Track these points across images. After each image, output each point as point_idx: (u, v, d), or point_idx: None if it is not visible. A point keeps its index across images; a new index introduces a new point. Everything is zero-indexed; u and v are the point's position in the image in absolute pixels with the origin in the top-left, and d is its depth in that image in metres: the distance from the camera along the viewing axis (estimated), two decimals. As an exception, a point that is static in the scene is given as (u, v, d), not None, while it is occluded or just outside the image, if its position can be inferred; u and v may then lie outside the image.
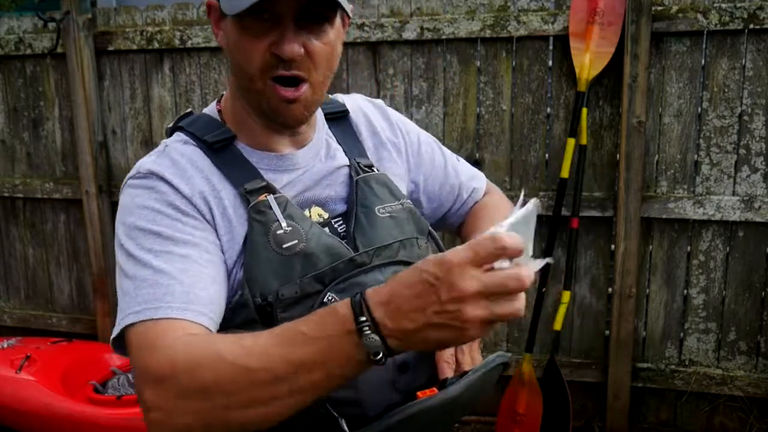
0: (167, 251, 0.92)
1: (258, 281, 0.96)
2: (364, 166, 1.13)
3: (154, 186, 0.98)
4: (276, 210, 0.99)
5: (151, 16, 2.93)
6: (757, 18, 2.32)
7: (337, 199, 1.10)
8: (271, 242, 0.97)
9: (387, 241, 1.06)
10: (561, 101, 2.56)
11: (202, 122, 1.08)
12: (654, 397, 2.69)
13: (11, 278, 3.39)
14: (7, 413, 2.49)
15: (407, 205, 1.14)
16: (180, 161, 1.01)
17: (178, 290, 0.89)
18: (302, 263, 0.97)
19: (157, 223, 0.95)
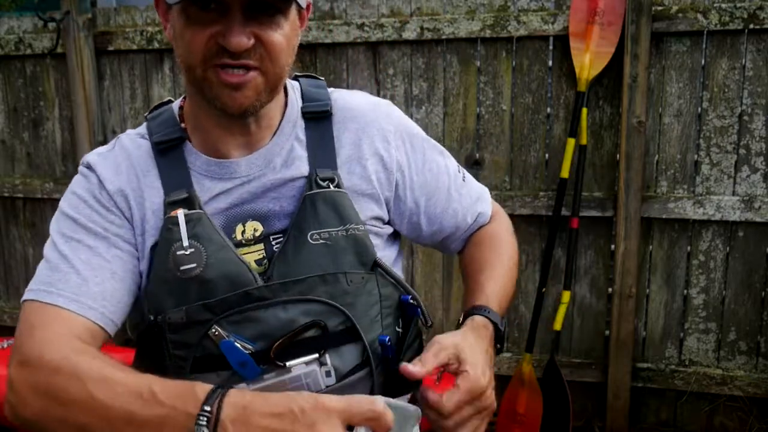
0: (77, 239, 0.96)
1: (155, 297, 0.97)
2: (322, 179, 1.02)
3: (87, 176, 1.02)
4: (182, 228, 0.96)
5: (151, 16, 2.93)
6: (757, 18, 2.32)
7: (282, 215, 1.01)
8: (170, 261, 0.95)
9: (306, 274, 0.96)
10: (561, 101, 2.56)
11: (162, 118, 1.07)
12: (654, 397, 2.69)
13: (11, 278, 3.39)
14: (7, 413, 2.49)
15: (353, 232, 1.01)
16: (118, 156, 1.03)
17: (73, 280, 0.93)
18: (197, 289, 0.94)
19: (77, 210, 0.99)
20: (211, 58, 0.92)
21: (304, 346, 0.95)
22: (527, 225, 2.67)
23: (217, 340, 0.93)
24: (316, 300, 0.97)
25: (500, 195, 2.63)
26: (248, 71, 0.92)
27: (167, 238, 0.96)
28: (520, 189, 2.65)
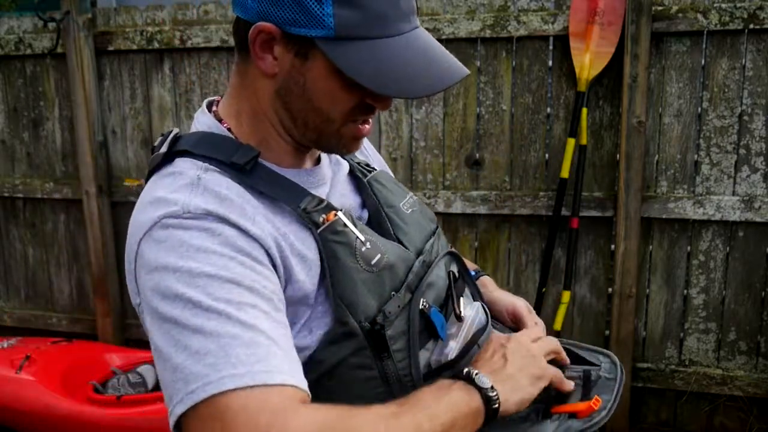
0: (252, 304, 0.78)
1: (360, 306, 0.88)
2: (363, 165, 1.10)
3: (216, 228, 0.81)
4: (351, 227, 0.92)
5: (151, 16, 2.93)
6: (757, 18, 2.32)
7: (356, 207, 1.05)
8: (360, 262, 0.90)
9: (425, 235, 1.06)
10: (561, 101, 2.56)
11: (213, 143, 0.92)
12: (654, 397, 2.69)
13: (11, 278, 3.39)
14: (7, 413, 2.49)
15: (415, 197, 1.13)
16: (232, 198, 0.85)
17: (278, 353, 0.76)
18: (388, 276, 0.93)
19: (229, 269, 0.79)
20: (355, 114, 0.90)
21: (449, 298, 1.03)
22: (527, 225, 2.67)
23: (428, 312, 0.95)
24: (448, 252, 1.07)
25: (500, 195, 2.63)
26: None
27: (344, 242, 0.90)
28: (520, 189, 2.65)
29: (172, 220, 0.81)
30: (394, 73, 0.85)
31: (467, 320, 1.00)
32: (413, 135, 2.69)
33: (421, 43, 0.88)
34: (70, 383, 2.50)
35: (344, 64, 0.83)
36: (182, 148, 0.91)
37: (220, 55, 2.88)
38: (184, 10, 2.88)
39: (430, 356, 0.96)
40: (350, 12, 0.82)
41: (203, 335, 0.75)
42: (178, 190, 0.85)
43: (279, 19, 0.84)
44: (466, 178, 2.70)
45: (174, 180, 0.87)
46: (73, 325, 3.28)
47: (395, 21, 0.85)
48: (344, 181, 1.05)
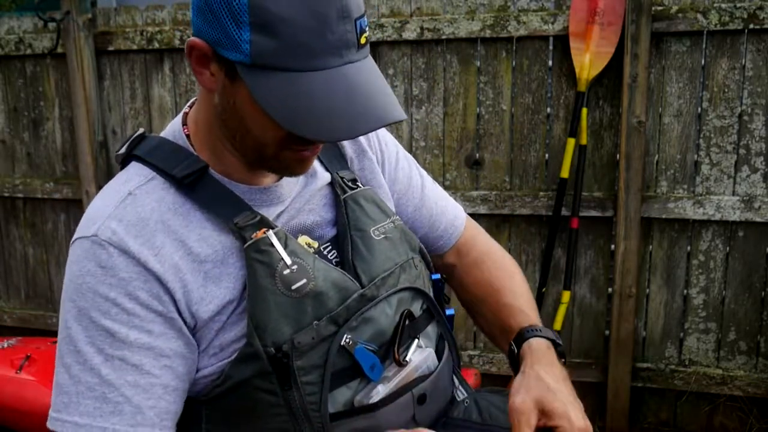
0: (120, 357, 0.83)
1: (268, 329, 0.86)
2: (348, 181, 1.03)
3: (113, 265, 0.84)
4: (278, 247, 0.89)
5: (151, 16, 2.93)
6: (757, 18, 2.32)
7: (324, 224, 1.00)
8: (278, 285, 0.87)
9: (388, 268, 0.98)
10: (561, 101, 2.56)
11: (165, 151, 0.93)
12: (654, 397, 2.69)
13: (11, 278, 3.39)
14: (7, 413, 2.49)
15: (398, 223, 1.05)
16: (149, 220, 0.87)
17: (126, 410, 0.83)
18: (312, 304, 0.89)
19: (111, 317, 0.84)
20: (289, 144, 0.86)
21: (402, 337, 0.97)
22: (527, 225, 2.67)
23: (351, 349, 0.91)
24: (406, 288, 0.99)
25: (500, 195, 2.63)
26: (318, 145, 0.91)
27: (265, 262, 0.88)
28: (520, 189, 2.65)
29: (84, 242, 0.87)
30: (305, 111, 0.79)
31: (410, 366, 0.96)
32: (413, 135, 2.69)
33: (349, 80, 0.81)
34: (70, 383, 2.50)
35: (257, 93, 0.80)
36: (137, 153, 0.94)
37: (220, 55, 2.88)
38: (184, 10, 2.88)
39: (354, 395, 0.92)
40: (267, 40, 0.78)
41: (69, 375, 0.85)
42: (105, 207, 0.89)
43: (209, 37, 0.82)
44: (466, 178, 2.70)
45: (112, 191, 0.92)
46: (73, 325, 3.28)
47: (318, 55, 0.79)
48: (318, 194, 1.01)
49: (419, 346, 0.99)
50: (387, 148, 1.14)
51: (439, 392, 1.02)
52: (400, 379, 0.94)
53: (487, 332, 1.16)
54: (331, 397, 0.90)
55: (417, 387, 0.96)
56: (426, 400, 0.98)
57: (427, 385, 0.99)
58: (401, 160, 1.16)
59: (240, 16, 0.78)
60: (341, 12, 0.78)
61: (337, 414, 0.90)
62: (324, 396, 0.88)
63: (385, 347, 0.95)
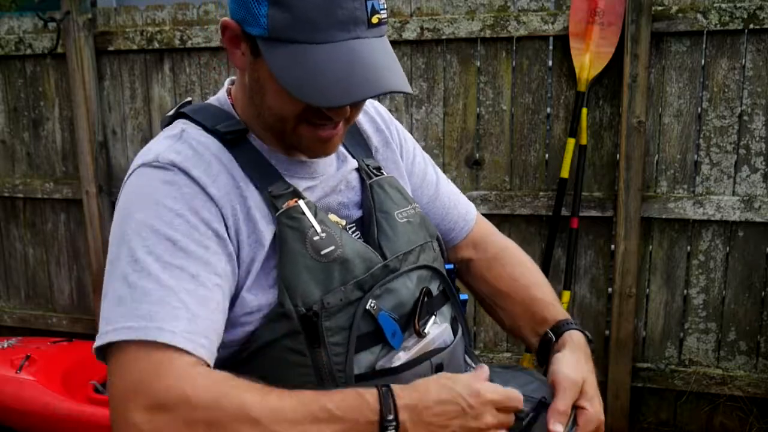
0: (178, 266, 0.85)
1: (299, 290, 0.91)
2: (373, 168, 1.11)
3: (177, 181, 0.89)
4: (309, 215, 0.95)
5: (151, 16, 2.93)
6: (757, 18, 2.32)
7: (350, 205, 1.07)
8: (308, 249, 0.93)
9: (410, 247, 1.05)
10: (561, 101, 2.56)
11: (210, 111, 1.00)
12: (654, 397, 2.69)
13: (11, 278, 3.39)
14: (7, 413, 2.49)
15: (418, 210, 1.12)
16: (203, 153, 0.93)
17: (183, 316, 0.82)
18: (340, 270, 0.94)
19: (173, 227, 0.86)
20: (308, 117, 0.92)
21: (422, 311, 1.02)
22: (527, 225, 2.67)
23: (376, 314, 0.95)
24: (425, 266, 1.05)
25: (500, 195, 2.63)
26: (338, 124, 0.95)
27: (296, 228, 0.93)
28: (520, 189, 2.65)
29: (145, 168, 0.91)
30: (311, 79, 0.85)
31: (428, 338, 1.01)
32: (413, 135, 2.69)
33: (354, 53, 0.86)
34: (70, 383, 2.50)
35: (273, 64, 0.87)
36: (184, 111, 1.01)
37: (220, 55, 2.88)
38: (184, 10, 2.89)
39: (376, 360, 0.96)
40: (281, 14, 0.84)
41: (126, 284, 0.84)
42: (161, 141, 0.95)
43: (239, 16, 0.89)
44: (466, 178, 2.70)
45: (163, 135, 0.97)
46: (73, 325, 3.28)
47: (327, 28, 0.84)
48: (348, 177, 1.07)
49: (436, 322, 1.05)
50: (406, 144, 1.22)
51: (454, 365, 1.07)
52: (419, 348, 0.98)
53: (509, 324, 1.22)
54: (356, 360, 0.94)
55: (435, 357, 1.01)
56: (443, 369, 1.02)
57: (444, 356, 1.03)
58: (418, 156, 1.24)
59: None
60: None
61: (361, 376, 0.94)
62: (350, 357, 0.93)
63: (405, 318, 1.00)
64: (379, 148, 1.16)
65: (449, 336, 1.06)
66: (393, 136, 1.20)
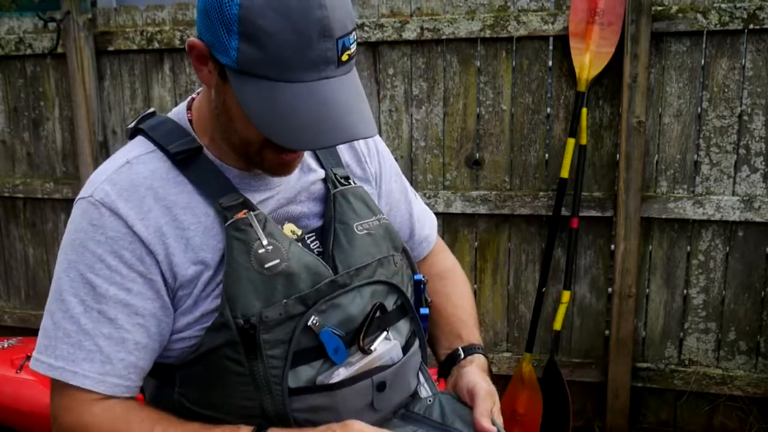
0: (98, 310, 0.93)
1: (239, 302, 0.93)
2: (340, 177, 1.10)
3: (103, 224, 0.93)
4: (257, 227, 0.96)
5: (151, 16, 2.93)
6: (757, 18, 2.32)
7: (311, 215, 1.07)
8: (252, 261, 0.94)
9: (365, 261, 1.04)
10: (561, 101, 2.56)
11: (166, 129, 1.02)
12: (654, 397, 2.69)
13: (11, 278, 3.39)
14: (7, 413, 2.49)
15: (383, 221, 1.11)
16: (140, 186, 0.96)
17: (97, 359, 0.93)
18: (284, 283, 0.95)
19: (95, 272, 0.93)
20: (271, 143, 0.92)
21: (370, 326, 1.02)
22: (527, 225, 2.67)
23: (317, 330, 0.96)
24: (381, 281, 1.05)
25: (500, 195, 2.63)
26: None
27: (242, 239, 0.95)
28: (520, 189, 2.65)
29: (82, 202, 0.96)
30: (279, 117, 0.86)
31: (373, 354, 1.01)
32: (413, 135, 2.69)
33: (322, 95, 0.87)
34: (70, 383, 2.50)
35: (241, 98, 0.88)
36: (143, 128, 1.02)
37: (220, 55, 2.88)
38: (184, 10, 2.89)
39: (316, 375, 0.97)
40: (252, 50, 0.85)
41: (52, 321, 0.95)
42: (104, 171, 0.99)
43: (206, 39, 0.90)
44: (466, 178, 2.70)
45: (113, 159, 1.01)
46: (73, 325, 3.28)
47: (297, 68, 0.85)
48: (310, 188, 1.08)
49: (387, 338, 1.05)
50: (384, 163, 1.23)
51: (400, 383, 1.07)
52: (362, 365, 0.99)
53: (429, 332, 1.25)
54: (294, 374, 0.95)
55: (377, 375, 1.01)
56: (385, 388, 1.03)
57: (388, 375, 1.03)
58: (395, 175, 1.25)
59: (230, 25, 0.85)
60: (323, 31, 0.85)
61: (298, 389, 0.96)
62: (286, 371, 0.94)
63: (353, 334, 1.00)
64: (349, 163, 1.16)
65: (397, 353, 1.05)
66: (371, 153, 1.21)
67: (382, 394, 1.02)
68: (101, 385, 0.93)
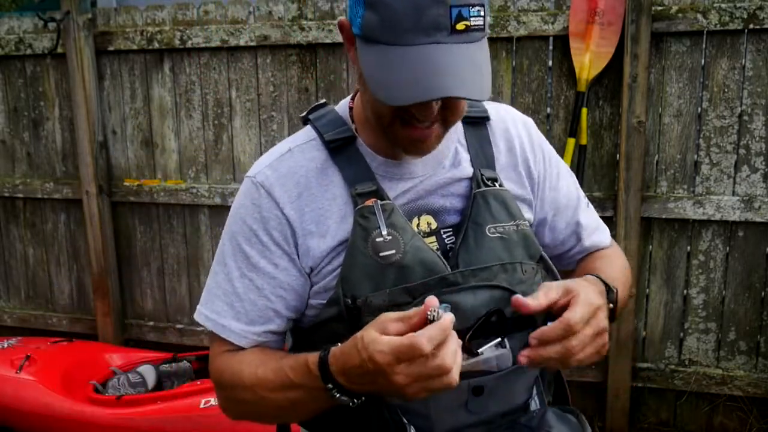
0: (249, 278, 1.06)
1: (351, 282, 1.00)
2: (487, 178, 1.10)
3: (260, 203, 1.05)
4: (379, 216, 1.01)
5: (151, 16, 2.93)
6: (757, 18, 2.32)
7: (452, 210, 1.08)
8: (369, 248, 1.00)
9: (488, 263, 1.03)
10: (561, 101, 2.56)
11: (328, 119, 1.10)
12: (654, 396, 2.69)
13: (11, 278, 3.39)
14: (7, 413, 2.49)
15: (522, 227, 1.09)
16: (296, 173, 1.06)
17: (243, 319, 1.06)
18: (396, 273, 0.99)
19: (251, 244, 1.06)
20: (399, 115, 0.96)
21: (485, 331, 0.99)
22: (527, 225, 2.67)
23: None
24: (500, 287, 1.02)
25: (500, 195, 2.63)
26: (432, 124, 0.97)
27: (364, 226, 1.01)
28: (520, 189, 2.65)
29: (247, 181, 1.08)
30: (384, 78, 0.91)
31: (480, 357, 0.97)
32: (413, 135, 2.69)
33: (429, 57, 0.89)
34: (70, 383, 2.50)
35: (362, 63, 0.95)
36: (309, 117, 1.12)
37: (220, 55, 2.88)
38: (184, 10, 2.89)
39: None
40: (372, 16, 0.91)
41: (214, 280, 1.10)
42: (271, 155, 1.10)
43: (349, 17, 0.98)
44: (466, 178, 2.69)
45: (280, 146, 1.12)
46: (73, 325, 3.28)
47: (409, 32, 0.89)
48: (456, 184, 1.09)
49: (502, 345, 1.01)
50: (550, 167, 1.19)
51: (503, 392, 1.05)
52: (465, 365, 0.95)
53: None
54: None
55: (476, 378, 1.00)
56: (483, 393, 1.01)
57: (488, 381, 1.01)
58: (563, 178, 1.21)
59: None
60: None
61: None
62: None
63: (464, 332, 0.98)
64: (504, 167, 1.14)
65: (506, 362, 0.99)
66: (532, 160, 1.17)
67: (479, 398, 1.01)
68: (243, 340, 1.06)
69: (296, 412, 1.04)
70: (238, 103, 2.90)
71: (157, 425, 2.35)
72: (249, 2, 2.82)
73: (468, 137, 1.13)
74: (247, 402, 1.05)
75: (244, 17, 2.81)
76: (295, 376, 0.96)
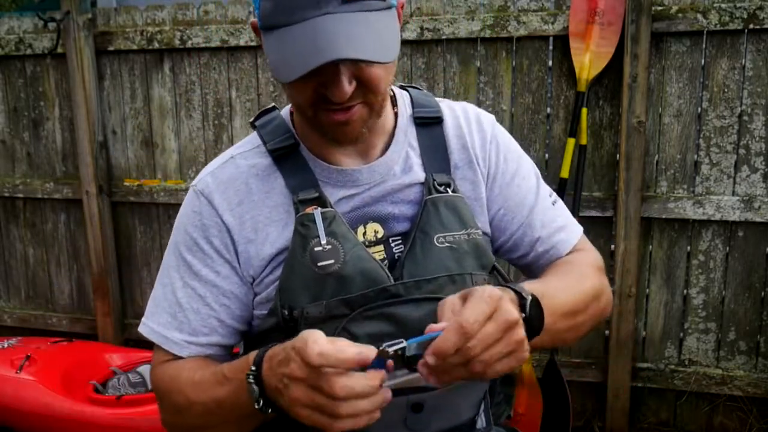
0: (191, 286, 1.04)
1: (289, 293, 0.97)
2: (439, 184, 1.05)
3: (200, 211, 1.04)
4: (319, 225, 0.97)
5: (151, 16, 2.93)
6: (757, 18, 2.32)
7: (401, 218, 1.04)
8: (306, 258, 0.96)
9: (435, 274, 0.98)
10: (561, 101, 2.56)
11: (273, 125, 1.08)
12: (654, 397, 2.69)
13: (11, 278, 3.39)
14: (7, 413, 2.49)
15: (474, 237, 1.04)
16: (237, 180, 1.04)
17: (185, 329, 1.05)
18: (335, 284, 0.95)
19: (192, 252, 1.04)
20: (318, 104, 0.93)
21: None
22: (527, 225, 2.66)
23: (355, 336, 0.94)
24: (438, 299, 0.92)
25: (500, 195, 2.62)
26: (352, 107, 0.93)
27: (303, 234, 0.98)
28: (520, 189, 2.65)
29: (191, 189, 1.07)
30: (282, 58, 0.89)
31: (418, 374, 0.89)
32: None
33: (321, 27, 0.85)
34: (70, 383, 2.50)
35: (266, 52, 0.92)
36: (256, 123, 1.10)
37: (220, 55, 2.88)
38: (184, 10, 2.89)
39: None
40: (267, 3, 0.89)
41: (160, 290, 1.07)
42: (214, 163, 1.09)
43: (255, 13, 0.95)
44: (466, 178, 2.69)
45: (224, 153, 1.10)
46: (73, 325, 3.28)
47: (299, 9, 0.86)
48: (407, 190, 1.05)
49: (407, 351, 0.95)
50: (506, 164, 1.12)
51: (445, 409, 1.01)
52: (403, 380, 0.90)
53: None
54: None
55: (416, 395, 0.95)
56: (423, 410, 0.98)
57: (428, 398, 0.97)
58: (518, 177, 1.12)
59: None
60: None
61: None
62: None
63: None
64: (458, 166, 1.09)
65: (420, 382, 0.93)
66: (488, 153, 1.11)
67: (418, 414, 0.98)
68: (185, 351, 1.04)
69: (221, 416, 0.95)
70: (238, 103, 2.90)
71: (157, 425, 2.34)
72: (249, 2, 2.82)
73: (420, 140, 1.08)
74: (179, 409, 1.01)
75: (244, 17, 2.81)
76: (230, 370, 0.94)
